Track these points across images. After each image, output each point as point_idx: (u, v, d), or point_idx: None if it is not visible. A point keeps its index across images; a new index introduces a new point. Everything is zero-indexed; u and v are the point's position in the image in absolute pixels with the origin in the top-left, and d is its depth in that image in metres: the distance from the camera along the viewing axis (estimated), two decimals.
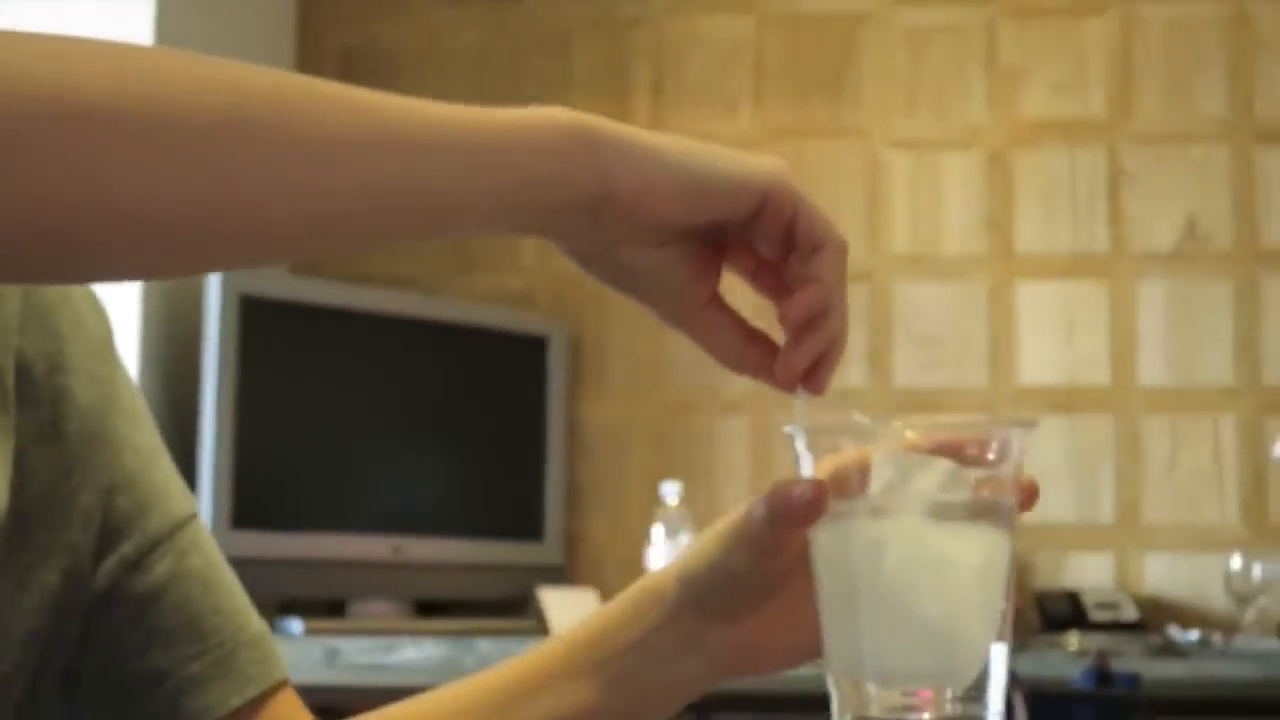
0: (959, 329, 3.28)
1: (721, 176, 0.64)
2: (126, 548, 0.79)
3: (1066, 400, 3.21)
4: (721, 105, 3.40)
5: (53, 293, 0.81)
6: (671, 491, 2.86)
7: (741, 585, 0.70)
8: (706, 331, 0.69)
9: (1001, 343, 3.24)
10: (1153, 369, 3.19)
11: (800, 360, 0.66)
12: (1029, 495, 0.65)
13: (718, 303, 0.69)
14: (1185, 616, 2.94)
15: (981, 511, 0.63)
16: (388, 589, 2.89)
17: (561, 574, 3.08)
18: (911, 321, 3.30)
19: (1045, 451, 3.18)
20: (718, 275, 0.69)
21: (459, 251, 3.35)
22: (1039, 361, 3.24)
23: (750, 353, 0.69)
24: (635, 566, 2.87)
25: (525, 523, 3.07)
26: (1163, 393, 3.19)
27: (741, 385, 3.18)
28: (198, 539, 0.82)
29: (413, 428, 3.00)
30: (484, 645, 2.54)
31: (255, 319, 2.72)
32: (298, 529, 2.77)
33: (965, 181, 3.31)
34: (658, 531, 2.81)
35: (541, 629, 2.74)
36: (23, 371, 0.77)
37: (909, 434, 0.64)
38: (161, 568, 0.79)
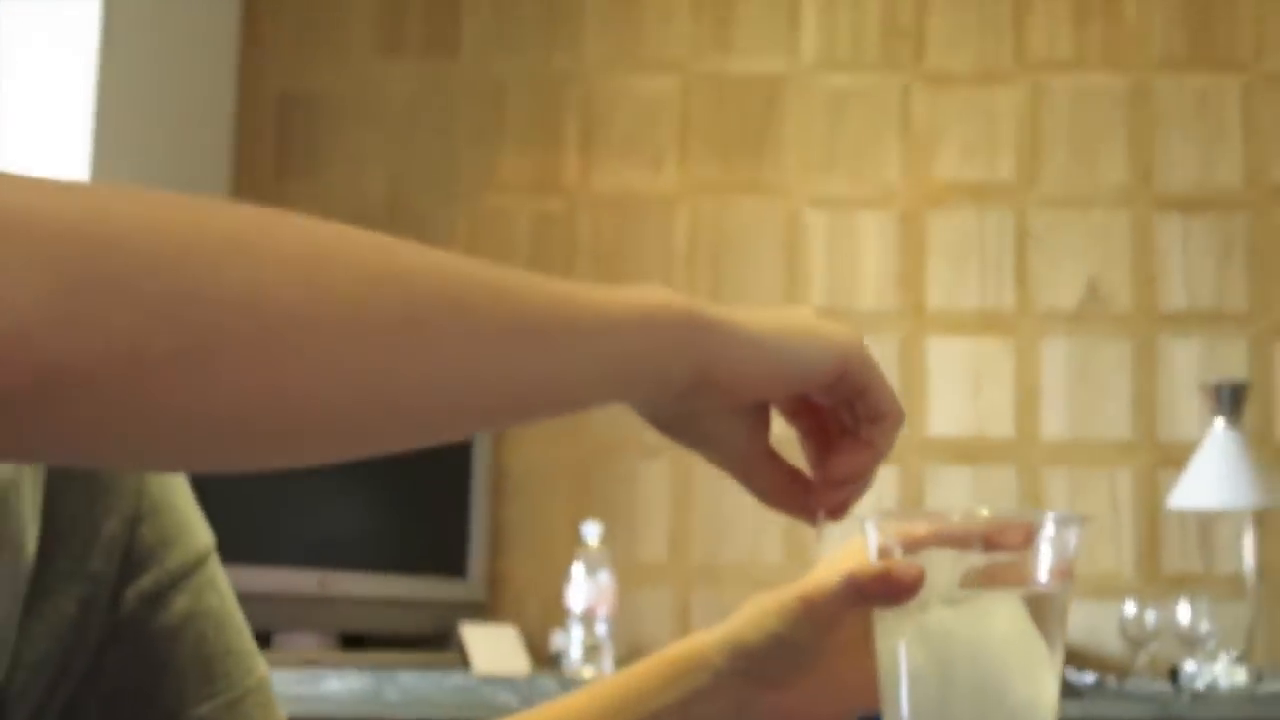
0: None
1: (810, 358, 0.66)
2: (146, 580, 0.78)
3: (972, 451, 3.27)
4: (648, 160, 3.44)
5: None
6: (592, 532, 2.89)
7: (799, 655, 0.73)
8: (760, 479, 0.71)
9: (912, 394, 3.28)
10: (1055, 423, 3.25)
11: (834, 505, 0.69)
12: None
13: (774, 456, 0.71)
14: (1081, 659, 2.99)
15: (1040, 600, 0.66)
16: (313, 622, 2.89)
17: (484, 610, 3.10)
18: None
19: (949, 499, 3.25)
20: (769, 425, 0.71)
21: None
22: (947, 413, 3.29)
23: (793, 491, 0.71)
24: (556, 604, 2.91)
25: (449, 560, 3.08)
26: (1063, 446, 3.25)
27: None
28: (215, 576, 0.82)
29: (340, 464, 3.02)
30: (406, 678, 2.56)
31: None
32: (225, 561, 2.77)
33: (880, 239, 3.36)
34: (578, 570, 2.84)
35: (463, 663, 2.77)
36: None
37: (983, 512, 0.68)
38: (179, 604, 0.79)
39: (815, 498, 0.69)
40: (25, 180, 0.48)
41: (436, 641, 2.97)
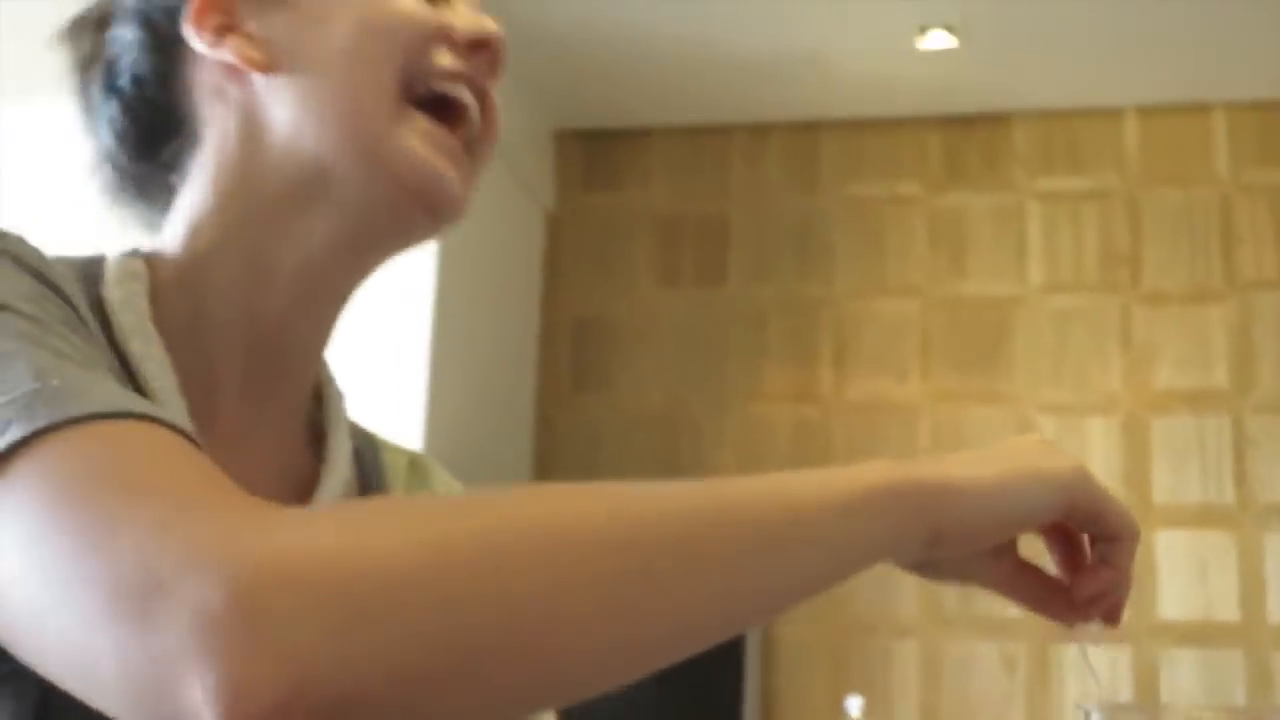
0: None
1: (1035, 499, 0.66)
2: None
3: (1200, 635, 3.37)
4: (893, 373, 3.68)
5: None
6: (855, 705, 3.08)
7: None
8: (1019, 593, 0.73)
9: (1143, 582, 3.32)
10: (1277, 610, 3.34)
11: (1106, 612, 0.71)
12: None
13: (1025, 567, 0.74)
14: None
15: None
16: None
17: None
18: None
19: (1180, 680, 3.34)
20: (1015, 542, 0.73)
21: None
22: (1175, 600, 3.41)
23: (1053, 599, 0.73)
24: None
25: None
26: None
27: (912, 611, 3.50)
28: None
29: None
30: None
31: None
32: None
33: (1105, 441, 3.54)
34: None
35: None
36: None
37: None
38: None
39: (1076, 612, 0.71)
40: (298, 518, 0.51)
41: None
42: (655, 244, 3.91)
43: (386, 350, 3.11)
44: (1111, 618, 0.71)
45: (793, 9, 3.32)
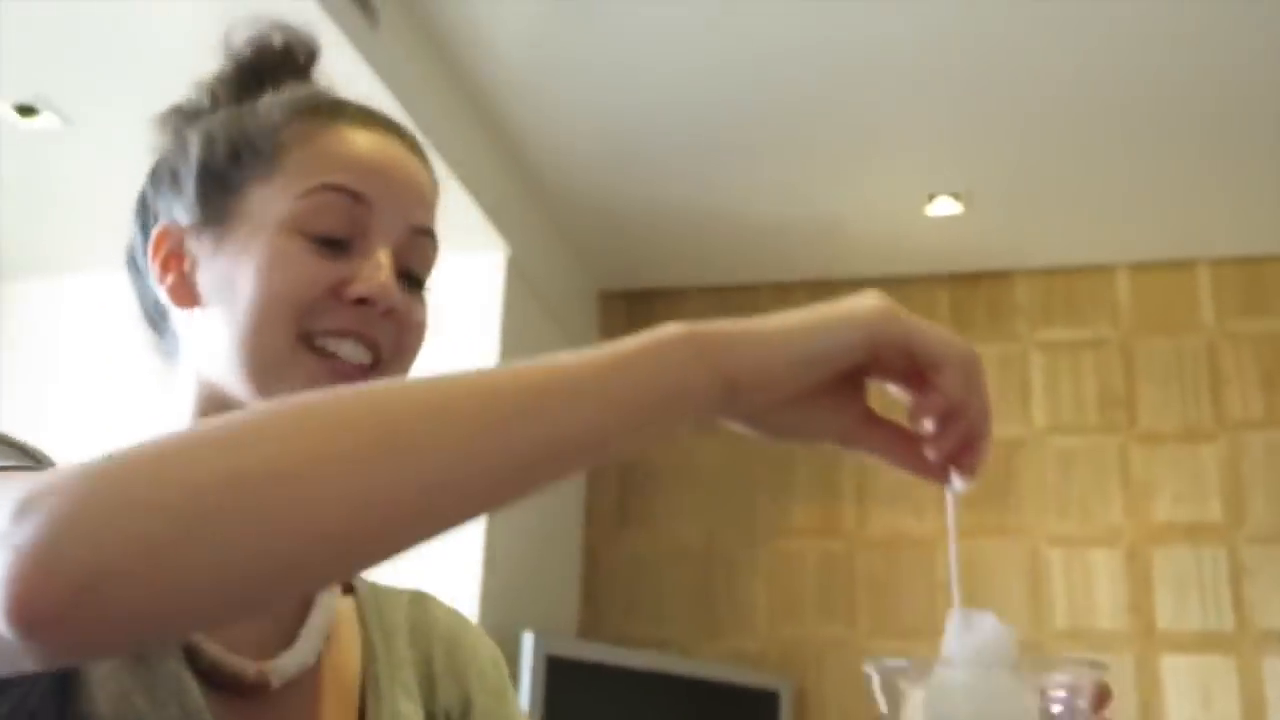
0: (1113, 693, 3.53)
1: (835, 340, 0.63)
2: None
3: None
4: (911, 509, 3.80)
5: (464, 654, 0.95)
6: None
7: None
8: (870, 443, 0.68)
9: (1150, 705, 3.51)
10: None
11: (936, 454, 0.65)
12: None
13: (872, 418, 0.68)
14: None
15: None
16: None
17: None
18: None
19: None
20: (862, 395, 0.68)
21: (708, 619, 3.78)
22: None
23: (911, 452, 0.67)
24: None
25: None
26: None
27: None
28: None
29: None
30: None
31: (556, 675, 3.24)
32: None
33: (1110, 571, 3.66)
34: None
35: None
36: (447, 716, 0.92)
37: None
38: None
39: (928, 449, 0.66)
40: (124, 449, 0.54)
41: None
42: None
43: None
44: (966, 468, 0.65)
45: (813, 180, 3.52)
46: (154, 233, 0.87)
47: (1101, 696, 0.61)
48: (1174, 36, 2.89)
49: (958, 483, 0.65)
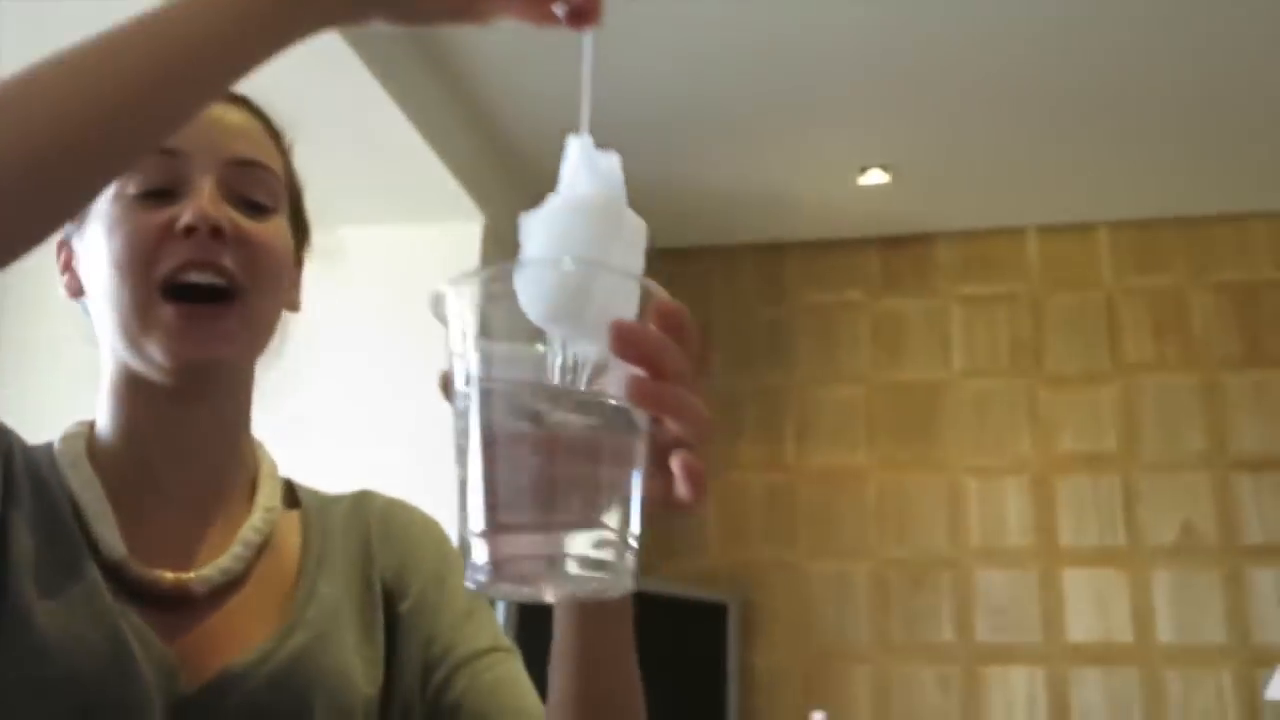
0: (1020, 602, 3.80)
1: None
2: (437, 676, 0.87)
3: (1101, 655, 3.71)
4: (846, 445, 4.02)
5: (397, 527, 0.94)
6: (819, 718, 3.53)
7: None
8: (509, 10, 0.69)
9: (1053, 613, 3.77)
10: (1166, 632, 3.68)
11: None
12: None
13: None
14: None
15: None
16: None
17: None
18: (985, 597, 3.82)
19: (1087, 697, 3.67)
20: None
21: (665, 543, 3.93)
22: (1079, 627, 3.75)
23: (546, 11, 0.68)
24: None
25: None
26: (1175, 651, 3.66)
27: (866, 640, 3.85)
28: (494, 663, 0.88)
29: None
30: None
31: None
32: None
33: (1019, 497, 3.89)
34: None
35: None
36: (384, 583, 0.91)
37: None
38: (460, 684, 0.86)
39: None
40: None
41: None
42: None
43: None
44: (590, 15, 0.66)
45: (757, 154, 3.72)
46: (56, 246, 0.91)
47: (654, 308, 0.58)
48: (1071, 23, 3.11)
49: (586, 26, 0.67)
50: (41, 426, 0.90)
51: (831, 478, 4.03)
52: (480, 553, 0.55)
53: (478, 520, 0.55)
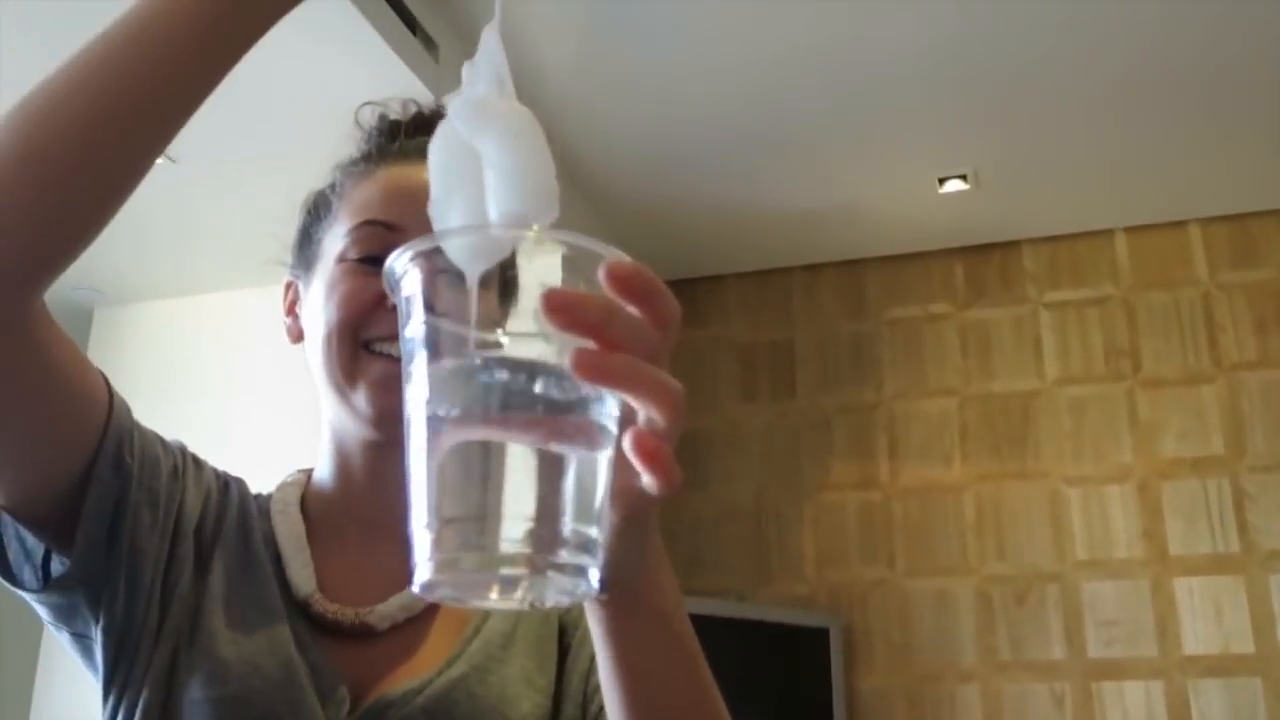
0: (1131, 614, 3.57)
1: None
2: (593, 708, 0.89)
3: (1220, 666, 3.46)
4: (939, 460, 3.83)
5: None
6: None
7: None
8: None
9: (1166, 623, 3.52)
10: None
11: None
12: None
13: None
14: None
15: None
16: None
17: None
18: (1094, 610, 3.60)
19: (1208, 709, 3.41)
20: None
21: (762, 568, 3.83)
22: (1196, 637, 3.50)
23: None
24: None
25: None
26: None
27: (972, 659, 3.62)
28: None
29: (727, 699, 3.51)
30: None
31: None
32: None
33: (1123, 505, 3.66)
34: None
35: None
36: (560, 616, 0.93)
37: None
38: None
39: None
40: None
41: None
42: (736, 368, 4.09)
43: None
44: None
45: (835, 171, 3.56)
46: (284, 286, 0.98)
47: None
48: (1156, 18, 2.91)
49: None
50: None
51: (927, 494, 3.85)
52: (422, 550, 0.49)
53: (419, 514, 0.49)
